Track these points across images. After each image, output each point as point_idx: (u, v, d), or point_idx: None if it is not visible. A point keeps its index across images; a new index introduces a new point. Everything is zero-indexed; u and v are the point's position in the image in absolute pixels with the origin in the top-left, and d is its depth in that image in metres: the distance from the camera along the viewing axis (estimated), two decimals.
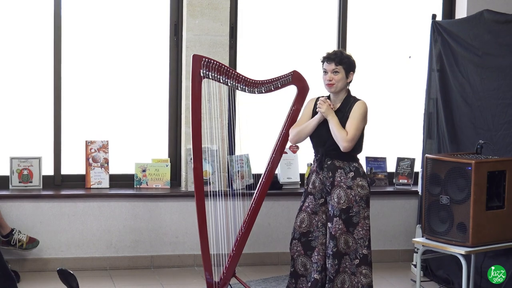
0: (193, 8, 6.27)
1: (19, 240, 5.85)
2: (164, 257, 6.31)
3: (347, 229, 4.81)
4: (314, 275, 4.89)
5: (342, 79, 4.88)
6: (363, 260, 4.83)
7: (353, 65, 4.92)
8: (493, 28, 5.85)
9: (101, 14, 6.39)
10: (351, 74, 4.90)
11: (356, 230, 4.82)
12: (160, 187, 6.39)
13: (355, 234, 4.82)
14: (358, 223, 4.82)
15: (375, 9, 6.92)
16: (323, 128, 4.91)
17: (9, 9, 6.23)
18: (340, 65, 4.87)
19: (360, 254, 4.83)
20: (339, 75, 4.87)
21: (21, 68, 6.29)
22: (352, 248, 4.83)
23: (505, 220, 5.26)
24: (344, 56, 4.90)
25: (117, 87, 6.47)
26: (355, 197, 4.81)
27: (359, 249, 4.83)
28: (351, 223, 4.81)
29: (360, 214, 4.82)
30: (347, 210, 4.81)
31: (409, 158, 6.81)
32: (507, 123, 5.69)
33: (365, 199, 4.84)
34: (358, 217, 4.82)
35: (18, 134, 6.32)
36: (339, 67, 4.87)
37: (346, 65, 4.87)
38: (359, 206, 4.81)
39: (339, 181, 4.83)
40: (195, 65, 5.01)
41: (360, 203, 4.81)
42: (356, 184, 4.82)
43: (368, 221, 4.86)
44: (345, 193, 4.81)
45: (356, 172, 4.84)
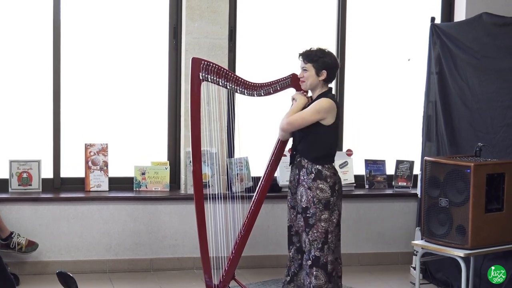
0: (192, 11, 6.27)
1: (18, 243, 5.85)
2: (164, 260, 6.31)
3: (305, 228, 4.86)
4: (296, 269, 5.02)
5: (312, 77, 4.89)
6: (315, 262, 4.83)
7: (326, 64, 4.87)
8: (491, 31, 5.85)
9: (100, 18, 6.40)
10: (323, 72, 4.87)
11: (311, 231, 4.83)
12: (160, 190, 6.39)
13: (310, 235, 4.83)
14: (314, 225, 4.82)
15: (374, 12, 6.92)
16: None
17: (9, 12, 6.23)
18: (309, 62, 4.89)
19: (312, 256, 4.84)
20: (307, 73, 4.90)
21: (20, 71, 6.29)
22: (307, 249, 4.86)
23: (504, 222, 5.27)
24: (315, 54, 4.88)
25: (116, 90, 6.47)
26: (313, 198, 4.82)
27: (312, 250, 4.84)
28: (308, 223, 4.85)
29: (316, 216, 4.82)
30: (305, 210, 4.85)
31: (408, 161, 6.81)
32: (506, 126, 5.69)
33: (324, 202, 4.82)
34: (314, 219, 4.82)
35: (18, 137, 6.32)
36: (308, 65, 4.89)
37: (316, 63, 4.87)
38: (316, 208, 4.82)
39: (302, 180, 4.89)
40: (194, 68, 5.02)
41: (318, 205, 4.82)
42: (316, 187, 4.83)
43: (324, 224, 4.82)
44: (305, 192, 4.86)
45: (318, 174, 4.84)
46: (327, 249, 4.84)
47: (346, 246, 6.22)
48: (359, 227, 6.63)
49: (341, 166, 6.61)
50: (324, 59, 4.87)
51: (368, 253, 6.68)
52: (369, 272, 6.47)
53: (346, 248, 6.05)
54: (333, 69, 4.91)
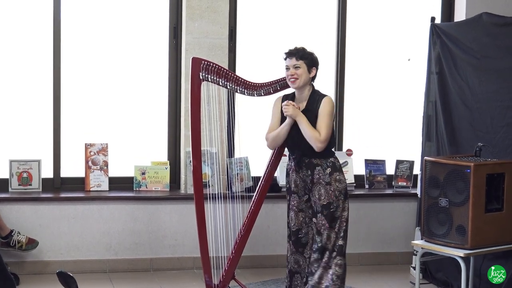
0: (193, 11, 6.28)
1: (19, 241, 5.85)
2: (164, 259, 6.31)
3: (330, 224, 4.87)
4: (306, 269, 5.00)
5: (304, 74, 4.94)
6: (339, 251, 4.89)
7: (315, 61, 4.98)
8: (491, 31, 5.86)
9: (101, 17, 6.40)
10: (313, 69, 4.96)
11: (337, 224, 4.89)
12: (160, 189, 6.39)
13: (336, 228, 4.89)
14: (339, 217, 4.89)
15: (374, 12, 6.92)
16: (293, 131, 4.96)
17: (9, 12, 6.23)
18: (301, 59, 4.94)
19: (337, 246, 4.89)
20: (300, 70, 4.94)
21: (20, 71, 6.29)
22: (332, 242, 4.88)
23: (504, 222, 5.27)
24: (306, 52, 4.97)
25: (116, 89, 6.47)
26: (334, 192, 4.87)
27: (337, 241, 4.89)
28: (333, 217, 4.88)
29: (339, 207, 4.88)
30: (328, 206, 4.87)
31: (408, 161, 6.81)
32: (506, 126, 5.69)
33: (344, 192, 4.91)
34: (339, 212, 4.89)
35: (18, 136, 6.32)
36: (300, 62, 4.94)
37: (308, 60, 4.94)
38: (339, 200, 4.88)
39: (318, 178, 4.90)
40: (194, 68, 5.02)
41: (340, 197, 4.88)
42: (334, 179, 4.88)
43: (345, 213, 4.91)
44: (324, 189, 4.88)
45: (333, 167, 4.90)
46: (346, 237, 4.93)
47: None
48: (359, 227, 6.63)
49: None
50: (313, 57, 4.98)
51: (368, 253, 6.69)
52: (369, 272, 6.47)
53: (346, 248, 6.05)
54: (317, 68, 5.01)
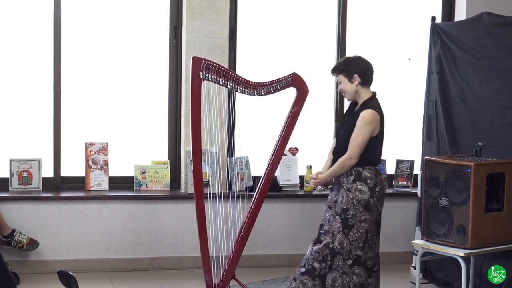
0: (193, 10, 6.27)
1: (20, 241, 5.86)
2: (164, 259, 6.31)
3: (343, 230, 4.85)
4: (313, 264, 4.93)
5: (347, 86, 4.93)
6: (356, 261, 4.85)
7: (354, 69, 4.90)
8: (492, 31, 5.85)
9: (101, 17, 6.40)
10: (354, 77, 4.90)
11: (351, 232, 4.84)
12: (160, 189, 6.39)
13: (350, 236, 4.84)
14: (354, 225, 4.84)
15: (375, 12, 6.92)
16: (338, 128, 5.14)
17: (9, 12, 6.23)
18: (339, 74, 4.93)
19: (353, 256, 4.85)
20: (342, 84, 4.95)
21: (21, 70, 6.29)
22: (346, 249, 4.85)
23: (504, 222, 5.27)
24: (340, 64, 4.94)
25: (116, 89, 6.47)
26: (353, 200, 4.85)
27: (353, 250, 4.85)
28: (347, 225, 4.85)
29: (356, 217, 4.84)
30: (345, 211, 4.86)
31: (408, 160, 6.81)
32: (506, 125, 5.69)
33: (364, 204, 4.84)
34: (354, 220, 4.84)
35: (18, 136, 6.32)
36: (340, 76, 4.94)
37: (345, 72, 4.90)
38: (356, 210, 4.84)
39: (342, 182, 4.92)
40: (194, 67, 5.02)
41: (357, 206, 4.84)
42: (355, 188, 4.86)
43: (365, 224, 4.85)
44: (345, 194, 4.88)
45: (357, 176, 4.87)
46: (367, 247, 4.87)
47: None
48: None
49: None
50: (349, 66, 4.91)
51: None
52: None
53: None
54: (363, 71, 4.92)
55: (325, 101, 6.81)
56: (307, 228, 6.46)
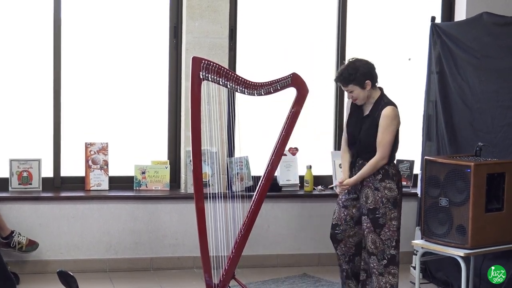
0: (193, 10, 6.27)
1: (19, 243, 5.85)
2: (164, 259, 6.31)
3: (374, 229, 4.87)
4: (343, 266, 5.05)
5: (360, 93, 4.91)
6: (391, 261, 4.90)
7: (362, 76, 4.87)
8: (492, 31, 5.85)
9: (101, 17, 6.40)
10: (366, 82, 4.88)
11: (383, 231, 4.88)
12: (160, 189, 6.39)
13: (382, 235, 4.88)
14: (385, 224, 4.87)
15: (375, 12, 6.92)
16: (356, 128, 4.99)
17: (9, 12, 6.23)
18: (350, 84, 4.89)
19: (388, 255, 4.89)
20: (354, 92, 4.91)
21: (20, 70, 6.29)
22: (380, 249, 4.88)
23: (504, 222, 5.27)
24: (349, 73, 4.87)
25: (116, 89, 6.47)
26: (382, 198, 4.86)
27: (387, 250, 4.88)
28: (378, 224, 4.87)
29: (386, 215, 4.87)
30: (374, 211, 4.88)
31: (408, 160, 6.81)
32: (506, 125, 5.69)
33: (392, 201, 4.88)
34: (385, 219, 4.87)
35: (18, 136, 6.32)
36: (350, 86, 4.90)
37: (356, 81, 4.87)
38: (386, 208, 4.86)
39: (368, 181, 4.91)
40: (194, 67, 5.02)
41: (387, 204, 4.86)
42: (384, 186, 4.88)
43: (395, 222, 4.90)
44: (372, 193, 4.88)
45: (385, 174, 4.89)
46: (399, 246, 4.92)
47: None
48: None
49: (341, 165, 6.58)
50: (358, 73, 4.87)
51: None
52: None
53: None
54: (371, 73, 4.92)
55: (325, 101, 6.81)
56: (307, 228, 6.47)
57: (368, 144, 4.91)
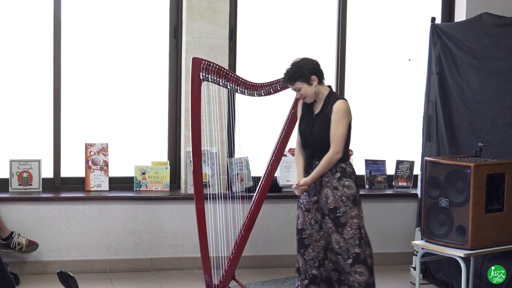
0: (193, 11, 6.27)
1: (19, 243, 5.85)
2: (164, 259, 6.31)
3: (336, 229, 4.82)
4: (312, 271, 4.91)
5: (308, 89, 4.84)
6: (356, 259, 4.81)
7: (308, 71, 4.83)
8: (492, 31, 5.85)
9: (101, 17, 6.40)
10: (312, 78, 4.83)
11: (345, 230, 4.80)
12: (160, 189, 6.39)
13: (345, 234, 4.80)
14: (346, 223, 4.80)
15: (375, 12, 6.92)
16: (308, 127, 4.91)
17: (9, 12, 6.23)
18: (296, 81, 4.84)
19: (352, 254, 4.81)
20: (302, 89, 4.85)
21: (20, 71, 6.29)
22: (344, 248, 4.82)
23: (504, 222, 5.27)
24: (294, 71, 4.83)
25: (116, 89, 6.47)
26: (341, 197, 4.80)
27: (350, 248, 4.81)
28: (339, 223, 4.80)
29: (347, 214, 4.80)
30: (335, 211, 4.81)
31: (408, 161, 6.81)
32: (506, 126, 5.69)
33: (352, 199, 4.81)
34: (346, 217, 4.80)
35: (18, 136, 6.32)
36: (297, 83, 4.84)
37: (302, 78, 4.82)
38: (346, 206, 4.80)
39: (327, 181, 4.84)
40: (194, 68, 5.02)
41: (347, 203, 4.80)
42: (342, 185, 4.81)
43: (357, 220, 4.81)
44: (332, 193, 4.81)
45: (343, 172, 4.83)
46: (364, 244, 4.84)
47: None
48: None
49: None
50: (303, 70, 4.84)
51: None
52: None
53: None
54: (317, 69, 4.88)
55: None
56: None
57: (322, 142, 4.83)
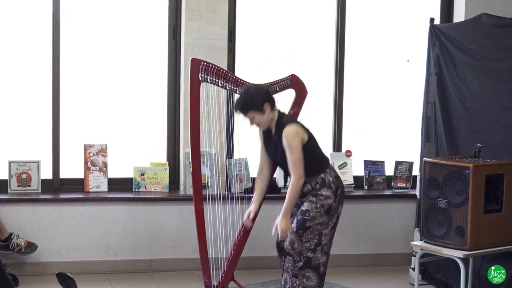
0: (192, 12, 6.28)
1: (18, 245, 5.85)
2: (163, 260, 6.31)
3: (297, 230, 4.79)
4: None
5: (261, 118, 4.82)
6: (307, 263, 4.79)
7: (259, 100, 4.78)
8: (491, 32, 5.86)
9: (100, 18, 6.40)
10: (265, 105, 4.79)
11: (305, 233, 4.78)
12: (159, 190, 6.39)
13: (304, 237, 4.78)
14: (310, 227, 4.78)
15: (373, 13, 6.93)
16: (273, 152, 4.95)
17: (8, 14, 6.23)
18: (248, 111, 4.80)
19: (304, 257, 4.79)
20: (256, 118, 4.83)
21: (19, 72, 6.30)
22: (297, 250, 4.79)
23: (503, 223, 5.27)
24: (245, 101, 4.79)
25: (115, 90, 6.47)
26: (316, 203, 4.79)
27: (304, 252, 4.78)
28: (303, 226, 4.78)
29: (315, 220, 4.78)
30: (305, 213, 4.80)
31: (407, 162, 6.81)
32: (504, 127, 5.70)
33: (326, 208, 4.79)
34: (312, 222, 4.78)
35: (17, 137, 6.32)
36: (250, 113, 4.81)
37: (254, 107, 4.78)
38: (317, 213, 4.78)
39: (307, 192, 4.85)
40: (193, 69, 5.03)
41: (320, 209, 4.79)
42: (320, 194, 4.81)
43: (320, 227, 4.79)
44: (309, 201, 4.82)
45: (322, 183, 4.83)
46: (320, 251, 4.82)
47: (344, 247, 6.24)
48: (358, 228, 6.63)
49: (340, 167, 6.61)
50: (254, 99, 4.79)
51: (367, 254, 6.68)
52: (368, 273, 6.48)
53: (345, 249, 6.06)
54: (268, 96, 4.85)
55: (323, 102, 6.81)
56: None
57: (287, 165, 4.84)
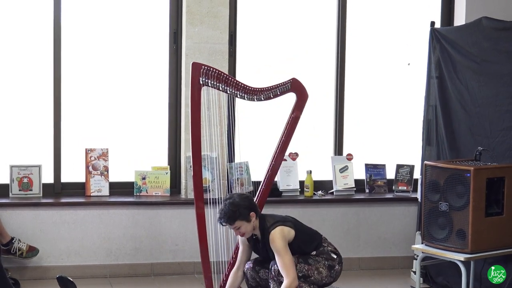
0: (193, 16, 6.28)
1: (19, 249, 5.85)
2: (164, 264, 6.31)
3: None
4: None
5: (247, 227, 4.83)
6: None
7: (246, 209, 4.79)
8: (491, 35, 5.87)
9: (101, 23, 6.41)
10: (251, 215, 4.81)
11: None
12: (160, 194, 6.39)
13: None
14: (311, 264, 4.87)
15: (374, 17, 6.93)
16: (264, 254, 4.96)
17: (9, 18, 6.24)
18: (235, 221, 4.79)
19: None
20: (242, 228, 4.82)
21: (21, 76, 6.30)
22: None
23: (504, 226, 5.28)
24: (232, 211, 4.77)
25: (117, 94, 6.48)
26: (308, 271, 4.85)
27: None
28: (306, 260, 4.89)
29: (317, 262, 4.89)
30: None
31: (408, 165, 6.81)
32: (504, 130, 5.70)
33: (328, 265, 4.91)
34: (314, 261, 4.87)
35: (18, 142, 6.32)
36: (236, 223, 4.80)
37: (241, 217, 4.78)
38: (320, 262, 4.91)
39: None
40: (194, 73, 5.04)
41: (324, 262, 4.91)
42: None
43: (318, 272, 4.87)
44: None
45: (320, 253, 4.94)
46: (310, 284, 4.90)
47: (346, 250, 6.23)
48: (359, 231, 6.63)
49: (341, 170, 6.61)
50: (241, 208, 4.78)
51: (368, 257, 6.68)
52: (369, 276, 6.47)
53: (346, 252, 6.05)
54: (252, 204, 4.87)
55: (324, 106, 6.82)
56: None
57: None
